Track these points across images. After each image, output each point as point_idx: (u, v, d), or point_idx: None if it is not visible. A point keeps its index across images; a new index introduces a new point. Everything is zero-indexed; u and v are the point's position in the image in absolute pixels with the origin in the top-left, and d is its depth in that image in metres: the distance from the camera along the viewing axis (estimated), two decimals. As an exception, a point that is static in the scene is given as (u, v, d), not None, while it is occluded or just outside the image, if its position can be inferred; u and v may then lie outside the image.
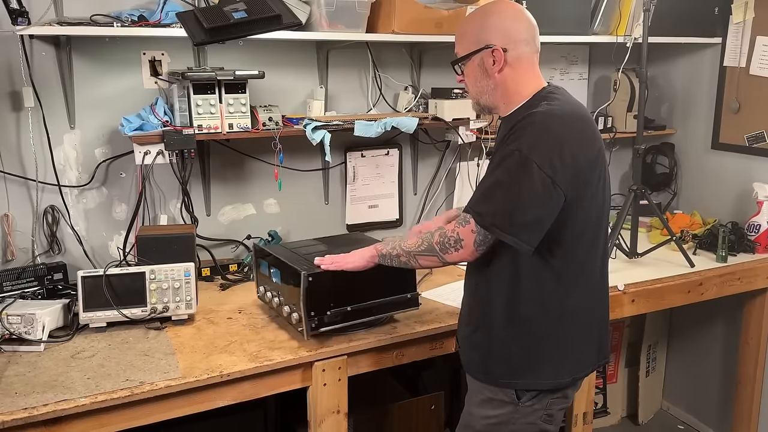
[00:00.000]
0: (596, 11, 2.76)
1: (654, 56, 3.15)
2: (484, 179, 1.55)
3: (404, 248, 1.66)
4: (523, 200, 1.45)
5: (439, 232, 1.59)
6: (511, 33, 1.57)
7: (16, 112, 2.17)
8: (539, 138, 1.46)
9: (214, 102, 2.20)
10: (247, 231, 2.56)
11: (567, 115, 1.52)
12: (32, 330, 1.79)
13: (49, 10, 2.09)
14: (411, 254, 1.65)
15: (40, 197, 2.24)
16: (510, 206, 1.46)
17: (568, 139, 1.48)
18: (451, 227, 1.57)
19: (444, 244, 1.57)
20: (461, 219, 1.54)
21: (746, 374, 2.81)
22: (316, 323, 1.80)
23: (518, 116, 1.55)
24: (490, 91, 1.61)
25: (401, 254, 1.67)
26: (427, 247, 1.60)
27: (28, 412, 1.49)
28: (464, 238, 1.53)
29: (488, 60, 1.58)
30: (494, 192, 1.49)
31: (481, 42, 1.57)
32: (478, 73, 1.61)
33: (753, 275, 2.59)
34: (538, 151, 1.45)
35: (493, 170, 1.51)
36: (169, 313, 1.96)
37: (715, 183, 3.05)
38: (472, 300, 1.70)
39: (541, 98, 1.56)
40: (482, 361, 1.65)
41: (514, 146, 1.47)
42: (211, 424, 1.99)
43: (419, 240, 1.63)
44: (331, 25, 2.30)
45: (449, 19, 2.43)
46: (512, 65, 1.57)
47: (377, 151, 2.76)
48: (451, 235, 1.55)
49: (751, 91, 2.85)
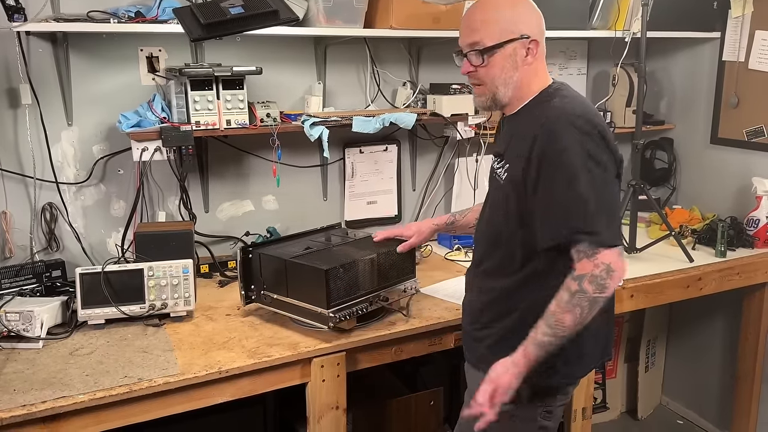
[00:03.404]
0: (595, 6, 2.75)
1: (653, 51, 3.14)
2: (551, 195, 1.46)
3: (563, 330, 1.45)
4: (615, 201, 1.49)
5: (578, 282, 1.43)
6: (540, 25, 1.57)
7: (13, 109, 2.17)
8: (586, 135, 1.45)
9: (212, 98, 2.19)
10: (245, 227, 2.56)
11: (588, 111, 1.51)
12: (31, 327, 1.80)
13: (46, 7, 2.08)
14: (575, 325, 1.45)
15: (38, 194, 2.24)
16: (606, 211, 1.44)
17: (604, 132, 1.48)
18: (587, 267, 1.43)
19: (598, 285, 1.42)
20: (583, 249, 1.44)
21: (746, 369, 2.81)
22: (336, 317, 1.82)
23: (529, 113, 1.53)
24: (513, 83, 1.57)
25: (560, 335, 1.46)
26: (587, 304, 1.43)
27: (27, 409, 1.49)
28: (610, 261, 1.42)
29: (521, 51, 1.54)
30: (589, 205, 1.42)
31: (517, 32, 1.53)
32: (506, 63, 1.55)
33: (752, 270, 2.59)
34: (593, 147, 1.44)
35: (560, 181, 1.44)
36: (167, 309, 1.96)
37: (714, 178, 3.04)
38: (488, 298, 1.65)
39: (551, 94, 1.54)
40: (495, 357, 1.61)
41: (568, 150, 1.42)
42: (209, 421, 1.99)
43: (566, 310, 1.44)
44: (328, 20, 2.29)
45: (447, 15, 2.42)
46: (538, 58, 1.56)
47: (375, 147, 2.75)
48: (599, 273, 1.42)
49: (750, 85, 2.84)
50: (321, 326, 1.84)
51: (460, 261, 2.56)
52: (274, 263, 1.94)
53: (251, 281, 2.00)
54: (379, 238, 2.03)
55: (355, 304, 1.87)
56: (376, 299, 1.93)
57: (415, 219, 2.90)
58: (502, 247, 1.61)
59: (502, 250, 1.62)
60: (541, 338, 1.47)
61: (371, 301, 1.92)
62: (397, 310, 2.02)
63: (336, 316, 1.81)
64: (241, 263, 1.97)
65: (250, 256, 1.99)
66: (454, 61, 1.66)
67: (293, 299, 1.89)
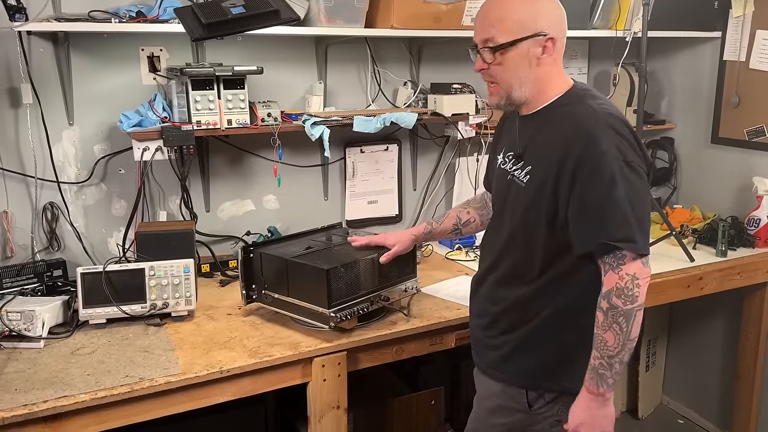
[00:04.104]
0: (595, 5, 2.75)
1: (653, 51, 3.14)
2: (585, 200, 1.42)
3: (611, 349, 1.42)
4: (648, 209, 1.46)
5: (607, 299, 1.41)
6: (561, 23, 1.52)
7: (14, 108, 2.17)
8: (623, 139, 1.42)
9: (213, 98, 2.19)
10: (246, 227, 2.56)
11: (620, 113, 1.49)
12: (32, 327, 1.80)
13: (47, 6, 2.09)
14: (621, 342, 1.41)
15: (39, 194, 2.24)
16: (641, 218, 1.42)
17: (637, 136, 1.47)
18: (612, 280, 1.41)
19: (627, 296, 1.40)
20: (609, 261, 1.42)
21: (746, 368, 2.81)
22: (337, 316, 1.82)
23: (557, 114, 1.50)
24: (529, 82, 1.51)
25: (619, 357, 1.42)
26: (623, 318, 1.40)
27: (28, 408, 1.49)
28: (634, 271, 1.40)
29: (537, 49, 1.48)
30: (623, 211, 1.39)
31: (534, 28, 1.47)
32: (520, 61, 1.49)
33: (753, 270, 2.59)
34: (630, 152, 1.42)
35: (598, 187, 1.41)
36: (168, 309, 1.96)
37: (715, 177, 3.04)
38: (504, 306, 1.62)
39: (581, 96, 1.50)
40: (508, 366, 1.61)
41: (608, 155, 1.39)
42: (211, 420, 2.00)
43: (605, 330, 1.41)
44: (329, 20, 2.29)
45: (448, 14, 2.42)
46: (555, 57, 1.51)
47: (376, 146, 2.75)
48: (624, 285, 1.40)
49: (751, 85, 2.84)
50: (322, 326, 1.84)
51: (461, 260, 2.56)
52: (275, 263, 1.94)
53: (252, 281, 2.00)
54: (358, 243, 1.97)
55: (356, 303, 1.87)
56: (377, 299, 1.93)
57: (416, 219, 2.91)
58: (520, 251, 1.58)
59: (520, 254, 1.58)
60: (594, 363, 1.45)
61: (372, 300, 1.92)
62: (398, 309, 2.02)
63: (337, 315, 1.81)
64: (242, 263, 1.97)
65: (251, 256, 1.99)
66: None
67: (294, 299, 1.90)
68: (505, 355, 1.62)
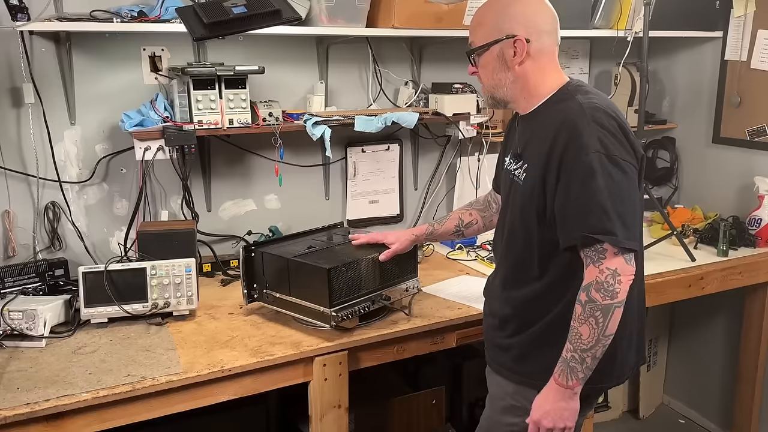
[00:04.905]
0: (597, 5, 2.75)
1: (655, 50, 3.14)
2: (568, 194, 1.43)
3: (584, 343, 1.41)
4: (633, 203, 1.44)
5: (586, 292, 1.41)
6: (537, 23, 1.52)
7: (16, 108, 2.17)
8: (607, 132, 1.42)
9: (215, 97, 2.19)
10: (247, 226, 2.56)
11: (611, 107, 1.49)
12: (34, 326, 1.80)
13: (49, 6, 2.09)
14: (596, 337, 1.40)
15: (41, 193, 2.25)
16: (623, 212, 1.40)
17: (627, 130, 1.46)
18: (592, 274, 1.41)
19: (606, 291, 1.39)
20: (590, 254, 1.42)
21: (747, 368, 2.81)
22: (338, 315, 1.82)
23: (549, 111, 1.51)
24: (509, 84, 1.54)
25: (591, 352, 1.42)
26: (600, 313, 1.39)
27: (30, 407, 1.50)
28: (616, 266, 1.40)
29: (509, 51, 1.51)
30: (602, 204, 1.39)
31: (503, 31, 1.51)
32: (495, 64, 1.54)
33: (754, 269, 2.58)
34: (614, 146, 1.41)
35: (578, 180, 1.41)
36: (170, 308, 1.96)
37: (717, 177, 3.04)
38: (511, 308, 1.62)
39: (571, 92, 1.51)
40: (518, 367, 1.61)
41: (589, 148, 1.39)
42: (212, 420, 2.00)
43: (581, 322, 1.41)
44: (330, 19, 2.30)
45: (450, 14, 2.42)
46: (534, 57, 1.52)
47: (378, 146, 2.76)
48: (604, 279, 1.39)
49: (753, 85, 2.84)
50: (323, 325, 1.84)
51: (462, 260, 2.56)
52: (276, 262, 1.94)
53: (254, 280, 2.00)
54: (359, 242, 1.99)
55: (358, 303, 1.87)
56: (378, 298, 1.93)
57: (417, 218, 2.91)
58: (519, 250, 1.59)
59: (520, 253, 1.59)
60: (566, 355, 1.45)
61: (373, 300, 1.92)
62: (399, 309, 2.02)
63: (338, 315, 1.81)
64: (243, 262, 1.98)
65: (253, 255, 1.99)
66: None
67: (296, 298, 1.90)
68: (517, 356, 1.62)
